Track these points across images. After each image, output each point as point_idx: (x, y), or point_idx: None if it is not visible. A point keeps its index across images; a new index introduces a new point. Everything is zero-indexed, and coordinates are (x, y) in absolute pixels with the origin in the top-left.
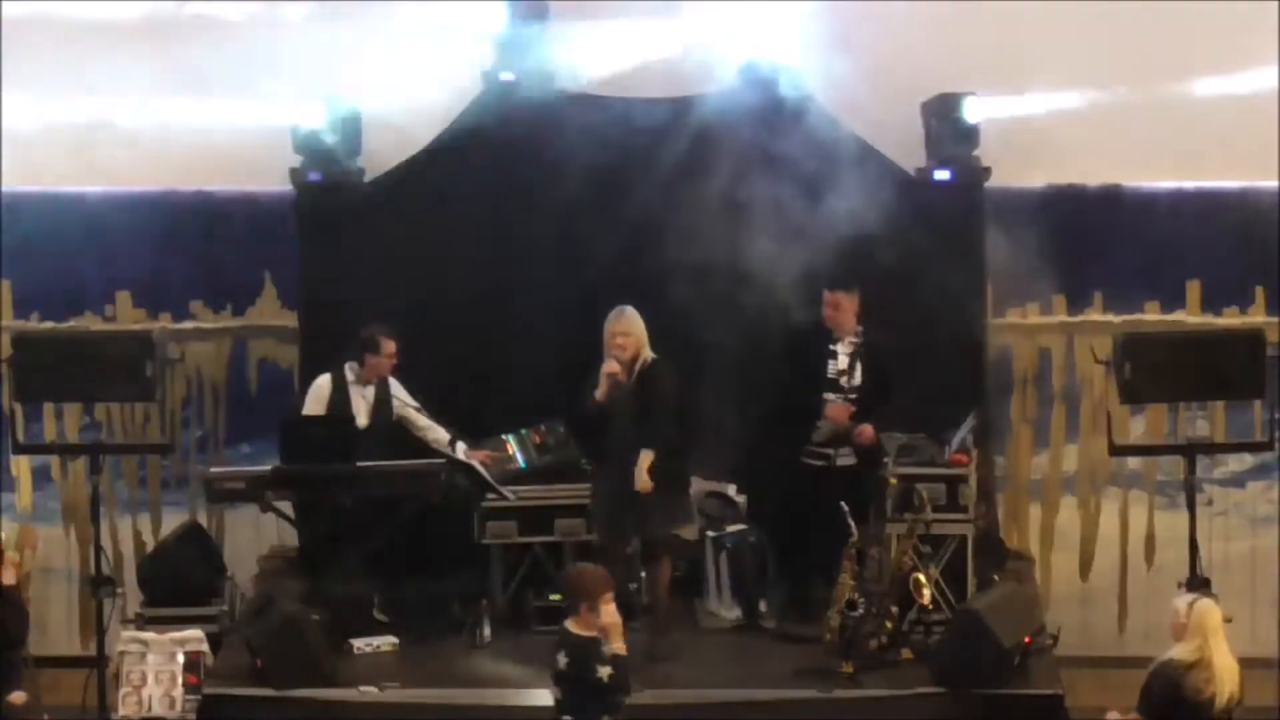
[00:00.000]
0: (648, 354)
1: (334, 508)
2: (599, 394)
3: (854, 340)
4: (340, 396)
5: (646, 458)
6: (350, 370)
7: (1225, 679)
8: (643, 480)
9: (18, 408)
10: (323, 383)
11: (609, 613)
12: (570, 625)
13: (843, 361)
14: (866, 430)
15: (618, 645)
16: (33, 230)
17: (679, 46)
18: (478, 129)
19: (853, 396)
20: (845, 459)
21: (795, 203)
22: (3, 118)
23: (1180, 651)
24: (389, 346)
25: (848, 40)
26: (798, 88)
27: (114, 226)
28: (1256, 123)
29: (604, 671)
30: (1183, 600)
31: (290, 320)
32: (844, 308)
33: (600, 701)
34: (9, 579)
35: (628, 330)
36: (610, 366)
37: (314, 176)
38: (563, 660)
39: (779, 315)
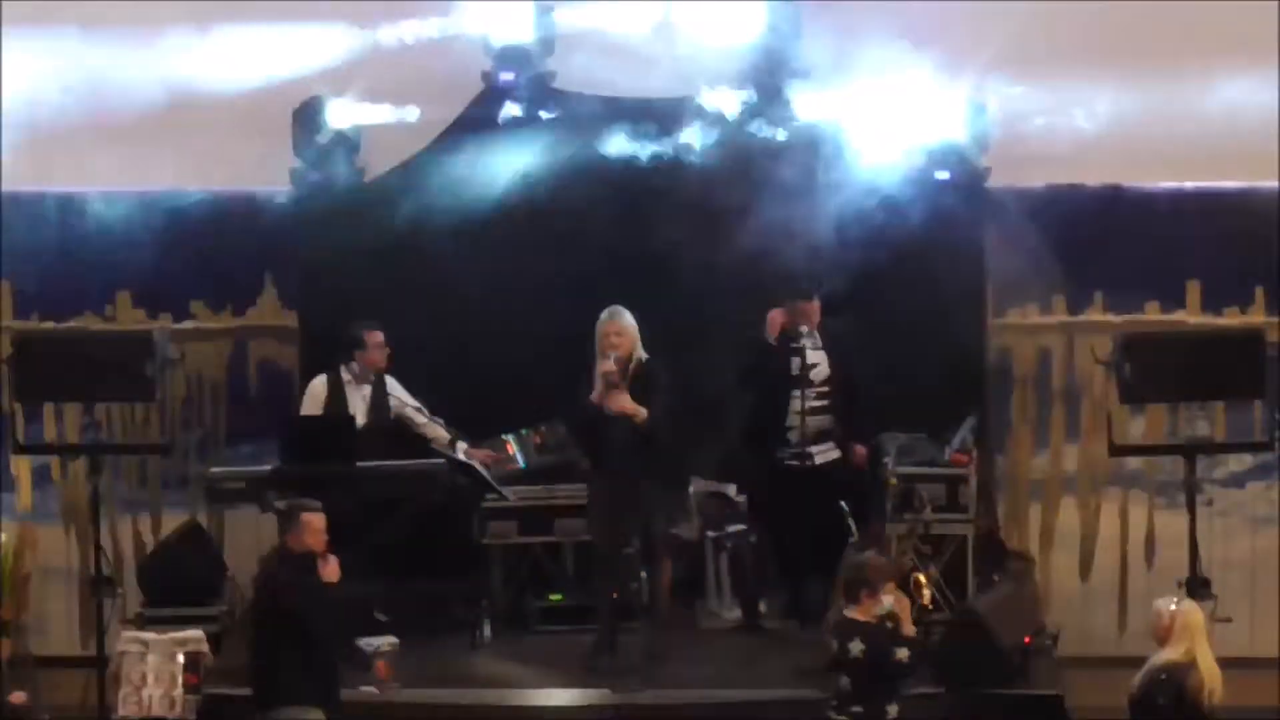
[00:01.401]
0: (640, 353)
1: (334, 508)
2: (594, 395)
3: (816, 334)
4: (336, 397)
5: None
6: (346, 371)
7: (1213, 680)
8: (625, 403)
9: (18, 408)
10: (318, 384)
11: (897, 596)
12: (853, 614)
13: (811, 356)
14: (861, 453)
15: (909, 627)
16: (33, 230)
17: (678, 46)
18: (478, 129)
19: (824, 390)
20: (827, 455)
21: (794, 203)
22: (3, 116)
23: (1172, 654)
24: (375, 338)
25: (848, 40)
26: (797, 88)
27: (114, 226)
28: (1256, 123)
29: (902, 654)
30: (1166, 603)
31: (290, 320)
32: (815, 314)
33: (893, 685)
34: (331, 575)
35: (621, 330)
36: (606, 365)
37: (314, 176)
38: (857, 648)
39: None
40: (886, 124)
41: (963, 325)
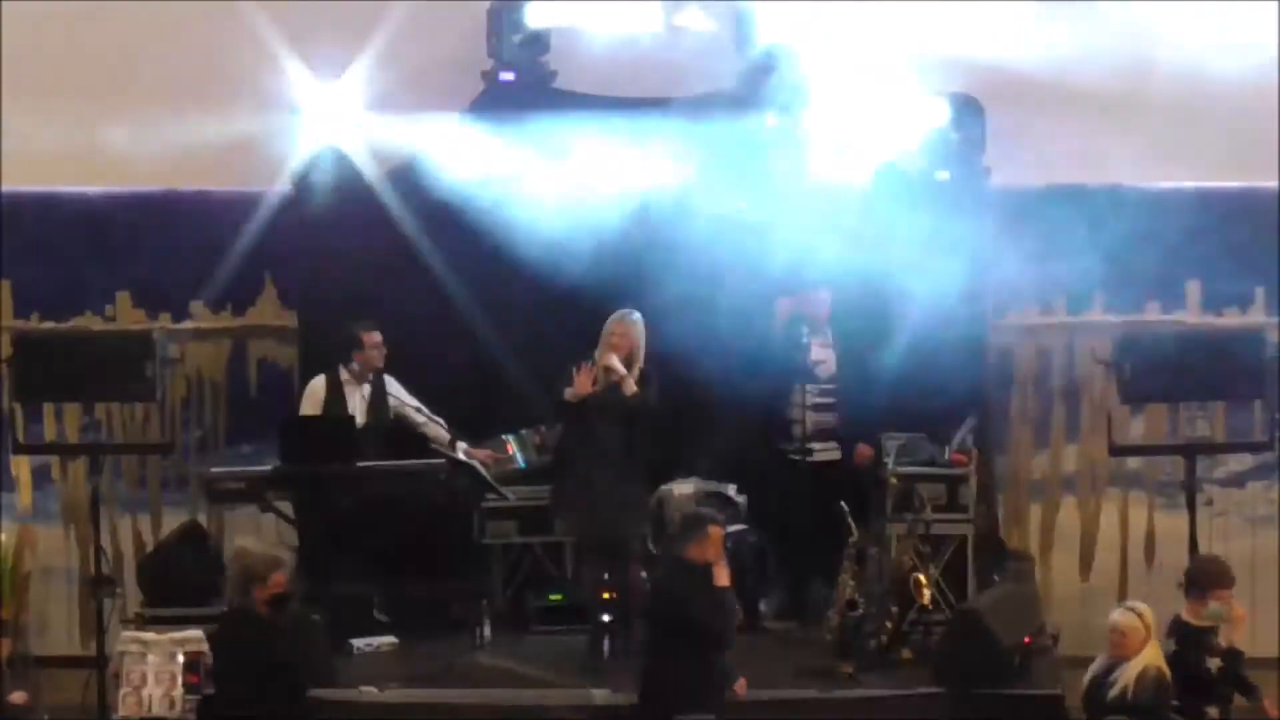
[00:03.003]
0: (640, 362)
1: (334, 508)
2: (596, 383)
3: (826, 331)
4: (335, 397)
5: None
6: (346, 371)
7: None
8: (616, 363)
9: (18, 408)
10: (317, 384)
11: (1229, 605)
12: (1183, 612)
13: (817, 353)
14: (864, 451)
15: (1232, 637)
16: (33, 230)
17: (678, 46)
18: (477, 129)
19: (828, 388)
20: (828, 453)
21: (794, 202)
22: (3, 117)
23: (1155, 657)
24: (372, 338)
25: (847, 40)
26: (797, 87)
27: (114, 226)
28: (1256, 123)
29: (1213, 663)
30: (1127, 616)
31: (290, 320)
32: (823, 304)
33: (1207, 692)
34: (724, 580)
35: (624, 333)
36: (612, 362)
37: (316, 176)
38: (1170, 646)
39: (776, 314)
40: (886, 124)
41: (963, 325)
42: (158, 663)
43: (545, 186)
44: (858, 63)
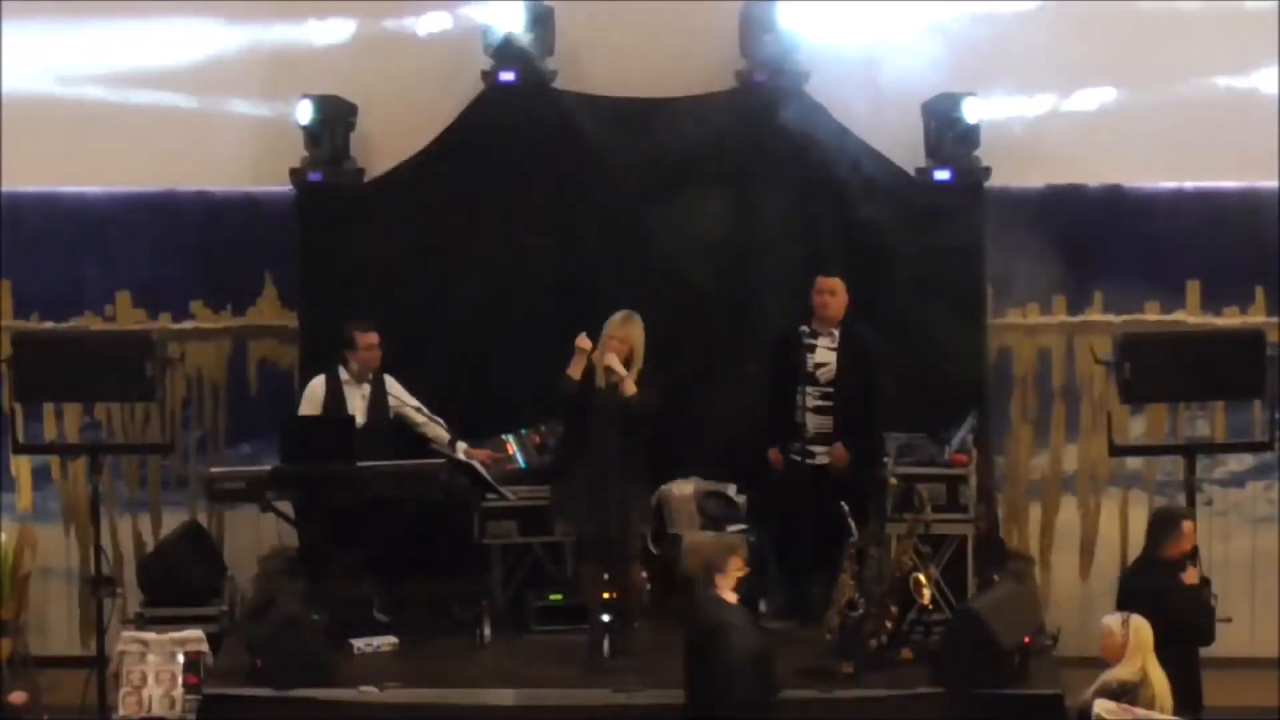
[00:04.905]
0: (640, 363)
1: (334, 508)
2: (596, 380)
3: (835, 333)
4: (335, 397)
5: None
6: (345, 371)
7: (1164, 696)
8: (615, 362)
9: (18, 408)
10: (317, 384)
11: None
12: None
13: (821, 355)
14: (839, 451)
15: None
16: (33, 230)
17: (679, 47)
18: (478, 129)
19: (829, 390)
20: (827, 456)
21: (795, 204)
22: (3, 115)
23: (1125, 671)
24: (368, 339)
25: (847, 40)
26: (797, 88)
27: (114, 226)
28: (1256, 123)
29: None
30: (1114, 619)
31: (290, 320)
32: (839, 294)
33: None
34: (1193, 579)
35: (626, 337)
36: (611, 362)
37: (314, 176)
38: None
39: (775, 315)
40: (886, 123)
41: (963, 325)
42: (158, 663)
43: (546, 186)
44: (857, 61)
